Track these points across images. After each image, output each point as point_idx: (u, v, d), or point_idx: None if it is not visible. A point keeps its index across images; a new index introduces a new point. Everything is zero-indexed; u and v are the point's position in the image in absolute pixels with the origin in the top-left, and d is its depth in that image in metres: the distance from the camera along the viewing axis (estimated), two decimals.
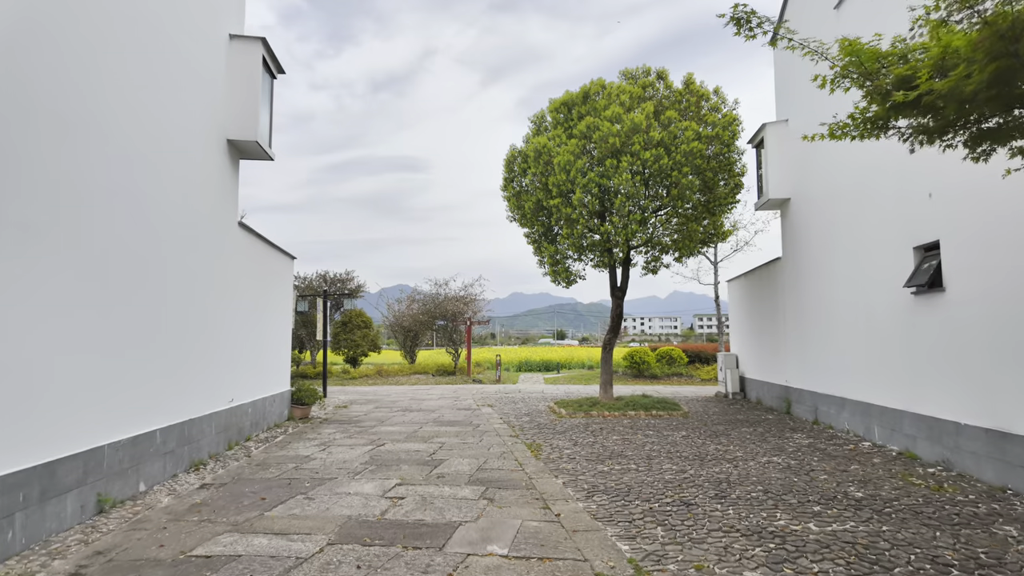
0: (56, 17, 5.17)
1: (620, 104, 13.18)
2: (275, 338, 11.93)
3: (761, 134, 13.39)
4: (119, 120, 6.16)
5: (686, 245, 13.93)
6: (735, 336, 17.76)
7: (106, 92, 5.94)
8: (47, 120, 5.04)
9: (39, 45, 4.94)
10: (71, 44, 5.38)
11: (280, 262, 12.26)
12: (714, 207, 13.89)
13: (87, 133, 5.62)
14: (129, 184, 6.35)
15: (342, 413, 14.35)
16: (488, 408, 15.40)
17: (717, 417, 12.86)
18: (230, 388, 9.36)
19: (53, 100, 5.13)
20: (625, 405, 13.82)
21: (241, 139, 9.17)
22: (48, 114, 5.06)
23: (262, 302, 11.04)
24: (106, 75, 5.94)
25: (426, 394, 19.63)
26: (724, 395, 17.29)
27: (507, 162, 15.37)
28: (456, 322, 26.98)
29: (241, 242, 9.87)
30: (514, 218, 15.86)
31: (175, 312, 7.45)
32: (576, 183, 12.91)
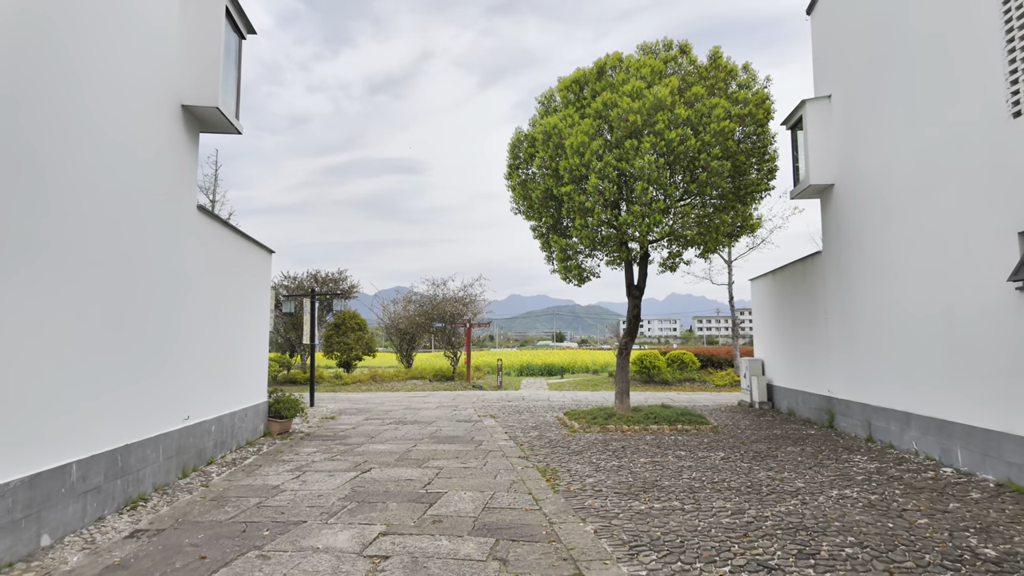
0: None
1: (640, 78, 11.69)
2: (248, 342, 10.40)
3: (799, 113, 11.90)
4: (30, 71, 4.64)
5: (712, 238, 12.42)
6: (760, 340, 16.27)
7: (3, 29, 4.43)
8: None
9: None
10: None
11: (254, 256, 10.73)
12: (744, 195, 12.41)
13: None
14: (43, 155, 4.83)
15: (328, 426, 12.81)
16: (491, 420, 13.88)
17: (751, 432, 11.35)
18: (186, 402, 7.82)
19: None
20: (645, 417, 12.31)
21: (198, 104, 7.64)
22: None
23: (231, 301, 9.52)
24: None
25: (423, 402, 18.10)
26: (749, 404, 15.79)
27: (512, 147, 13.86)
28: (455, 324, 25.45)
29: (202, 230, 8.34)
30: (519, 210, 14.35)
31: (108, 311, 5.93)
32: (591, 167, 11.41)
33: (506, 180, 14.28)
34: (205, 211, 8.38)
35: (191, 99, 7.62)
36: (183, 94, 7.60)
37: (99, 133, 5.83)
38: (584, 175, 11.67)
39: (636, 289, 13.52)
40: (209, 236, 8.59)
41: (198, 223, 8.19)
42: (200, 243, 8.26)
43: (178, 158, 7.59)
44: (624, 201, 12.08)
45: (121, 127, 6.24)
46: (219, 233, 8.98)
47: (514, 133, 13.80)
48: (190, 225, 7.92)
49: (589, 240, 12.06)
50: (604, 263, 13.34)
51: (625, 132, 11.39)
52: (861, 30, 10.34)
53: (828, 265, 11.69)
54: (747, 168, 12.13)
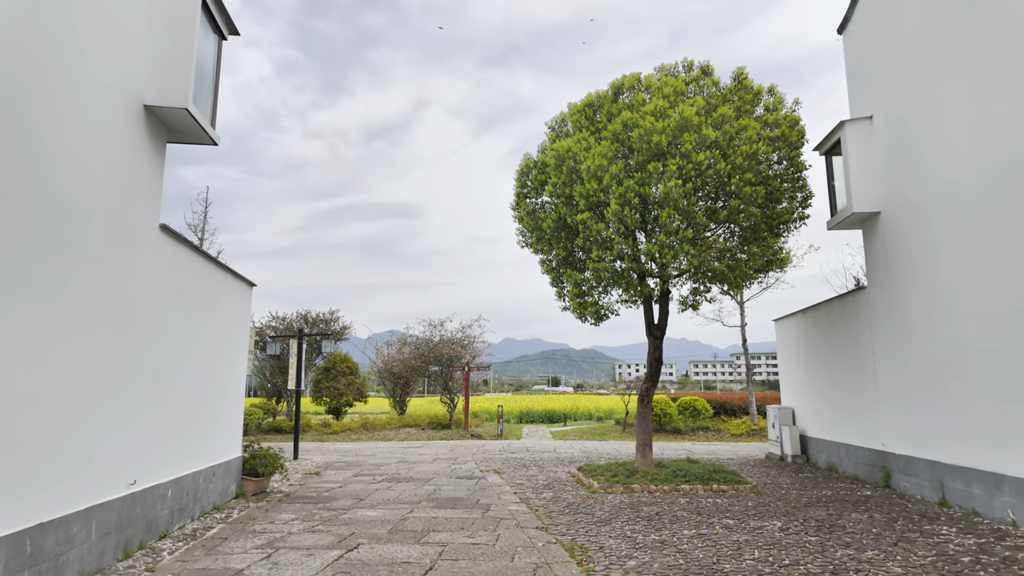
0: None
1: (663, 97, 10.72)
2: (221, 387, 8.99)
3: (836, 136, 10.92)
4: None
5: (742, 272, 11.23)
6: (788, 386, 14.93)
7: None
8: None
9: None
10: None
11: (231, 288, 9.43)
12: (776, 225, 11.31)
13: None
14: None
15: (311, 485, 11.25)
16: (495, 476, 12.35)
17: (798, 494, 9.90)
18: (134, 462, 6.38)
19: None
20: (673, 475, 10.84)
21: (164, 105, 6.48)
22: None
23: (201, 338, 8.16)
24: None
25: (418, 454, 16.50)
26: (780, 458, 14.32)
27: (520, 174, 12.81)
28: (452, 367, 23.96)
29: (166, 254, 7.07)
30: (527, 243, 13.20)
31: (28, 348, 4.59)
32: (610, 192, 10.31)
33: (513, 210, 13.18)
34: (171, 232, 7.12)
35: (155, 98, 6.47)
36: (146, 92, 6.45)
37: (53, 140, 4.62)
38: (602, 201, 10.56)
39: (656, 328, 12.25)
40: (175, 262, 7.31)
41: (161, 246, 6.92)
42: (163, 269, 6.97)
43: (137, 167, 6.38)
44: (645, 230, 10.95)
45: (60, 125, 5.04)
46: (188, 260, 7.70)
47: (522, 160, 12.78)
48: (150, 247, 6.65)
49: (607, 273, 10.84)
50: (619, 301, 12.04)
51: (648, 154, 10.34)
52: (909, 40, 9.44)
53: (876, 302, 10.48)
54: (779, 195, 11.07)
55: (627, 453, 16.64)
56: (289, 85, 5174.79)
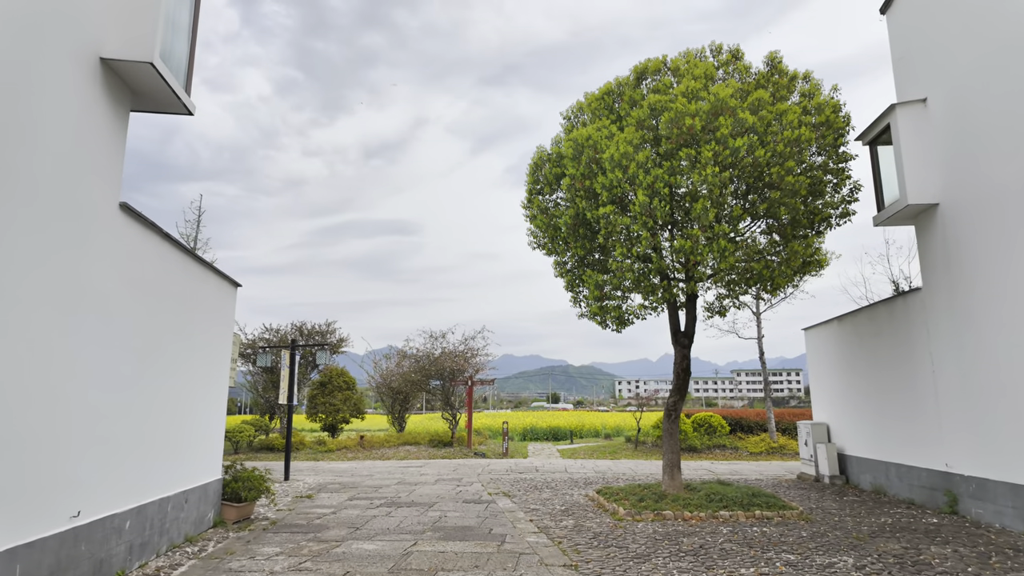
0: None
1: (694, 79, 9.72)
2: (197, 400, 7.85)
3: (885, 121, 9.90)
4: None
5: (782, 272, 10.14)
6: (821, 400, 13.78)
7: None
8: None
9: None
10: None
11: (212, 287, 8.33)
12: (818, 221, 10.26)
13: None
14: None
15: (302, 510, 10.04)
16: (506, 500, 11.14)
17: (852, 521, 8.72)
18: (79, 489, 5.22)
19: None
20: (707, 500, 9.66)
21: (125, 59, 5.43)
22: None
23: (173, 342, 7.04)
24: None
25: (419, 474, 15.26)
26: (815, 478, 13.11)
27: (532, 168, 11.78)
28: (455, 382, 22.74)
29: (128, 239, 5.98)
30: (539, 244, 12.14)
31: None
32: (637, 183, 9.26)
33: (524, 209, 12.14)
34: (135, 213, 6.04)
35: (115, 51, 5.42)
36: (104, 44, 5.40)
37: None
38: (627, 193, 9.51)
39: (684, 336, 11.13)
40: (141, 250, 6.21)
41: (121, 229, 5.83)
42: (124, 257, 5.87)
43: (91, 132, 5.32)
44: (674, 225, 9.89)
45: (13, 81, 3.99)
46: (157, 249, 6.60)
47: (535, 152, 11.76)
48: (107, 229, 5.56)
49: (632, 273, 9.74)
50: (640, 305, 10.79)
51: (679, 140, 9.32)
52: (972, 14, 8.47)
53: (934, 304, 9.39)
54: (822, 188, 10.03)
55: (645, 473, 15.44)
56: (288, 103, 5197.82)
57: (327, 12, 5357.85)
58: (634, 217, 9.37)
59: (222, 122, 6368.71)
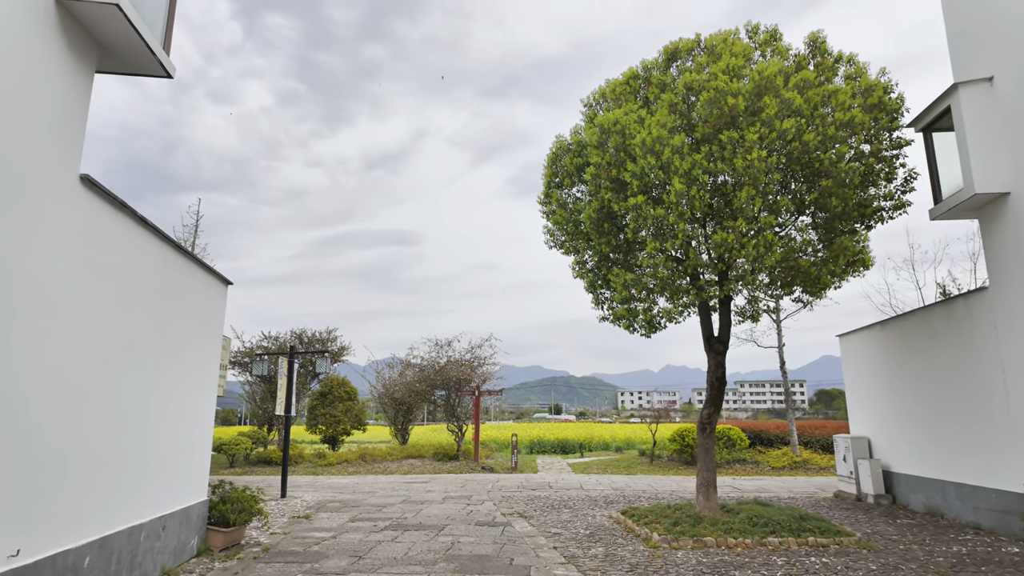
0: None
1: (733, 56, 8.82)
2: (176, 410, 6.88)
3: (945, 103, 8.97)
4: None
5: (829, 271, 9.17)
6: (860, 412, 12.76)
7: None
8: None
9: None
10: None
11: (197, 282, 7.38)
12: (870, 214, 9.32)
13: None
14: None
15: (298, 533, 9.03)
16: (523, 521, 10.12)
17: (921, 550, 7.70)
18: (16, 523, 4.25)
19: None
20: (750, 523, 8.64)
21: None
22: None
23: (147, 342, 6.09)
24: None
25: (425, 491, 14.23)
26: (856, 498, 12.05)
27: (551, 161, 10.87)
28: (461, 392, 21.71)
29: (90, 218, 5.05)
30: (556, 243, 11.22)
31: None
32: (672, 169, 8.34)
33: (541, 205, 11.22)
34: (99, 188, 5.10)
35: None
36: None
37: None
38: (662, 182, 8.58)
39: (717, 342, 10.15)
40: (107, 233, 5.28)
41: (82, 205, 4.90)
42: (85, 239, 4.94)
43: (47, 92, 4.40)
44: (712, 217, 8.95)
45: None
46: (128, 233, 5.67)
47: (553, 143, 10.84)
48: (63, 206, 4.63)
49: (666, 271, 8.78)
50: (673, 308, 9.81)
51: (718, 123, 8.40)
52: None
53: (1004, 304, 8.41)
54: (874, 177, 9.10)
55: (667, 491, 14.40)
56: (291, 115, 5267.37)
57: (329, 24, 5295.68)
58: (668, 208, 8.44)
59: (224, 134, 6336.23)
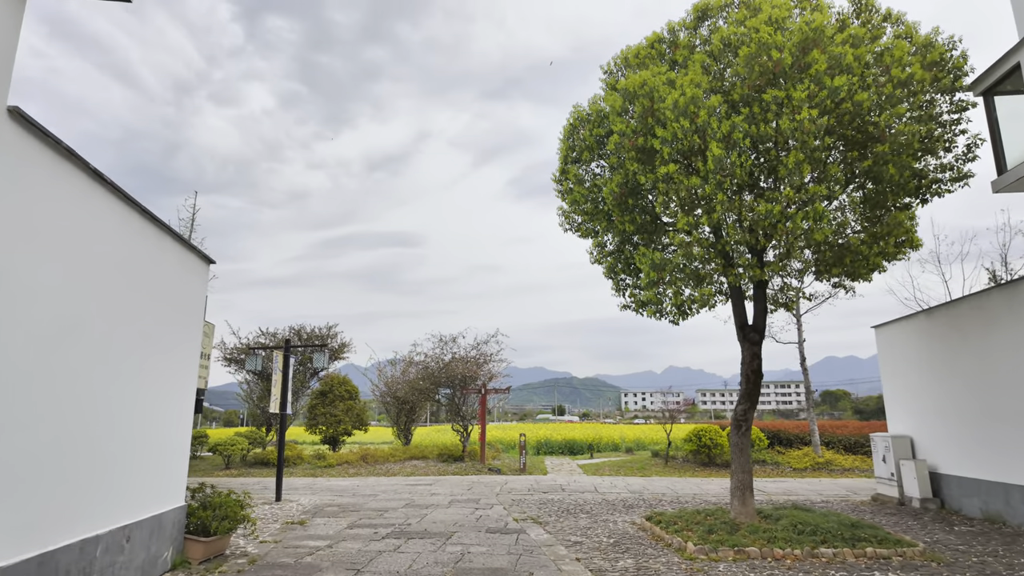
0: None
1: (775, 7, 7.88)
2: (143, 405, 5.97)
3: (1013, 60, 8.01)
4: None
5: (880, 250, 8.21)
6: (899, 409, 11.80)
7: None
8: None
9: None
10: None
11: (169, 256, 6.48)
12: (927, 185, 8.38)
13: None
14: None
15: (291, 542, 8.11)
16: (537, 528, 9.20)
17: (995, 563, 6.75)
18: None
19: None
20: (794, 531, 7.70)
21: None
22: None
23: (101, 324, 5.18)
24: None
25: (429, 494, 13.30)
26: (899, 501, 11.09)
27: (567, 133, 9.94)
28: (467, 390, 20.78)
29: (26, 166, 4.14)
30: (572, 225, 10.32)
31: None
32: (709, 133, 7.41)
33: (556, 183, 10.29)
34: (37, 129, 4.19)
35: None
36: None
37: None
38: (697, 148, 7.65)
39: (752, 331, 9.21)
40: (47, 184, 4.37)
41: (11, 144, 3.99)
42: (18, 189, 4.03)
43: None
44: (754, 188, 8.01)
45: None
46: (82, 191, 4.76)
47: (570, 113, 9.91)
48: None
49: (701, 249, 7.83)
50: (706, 291, 8.84)
51: (760, 82, 7.47)
52: None
53: None
54: (935, 143, 8.15)
55: (689, 493, 13.46)
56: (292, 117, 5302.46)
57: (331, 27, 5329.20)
58: (705, 177, 7.51)
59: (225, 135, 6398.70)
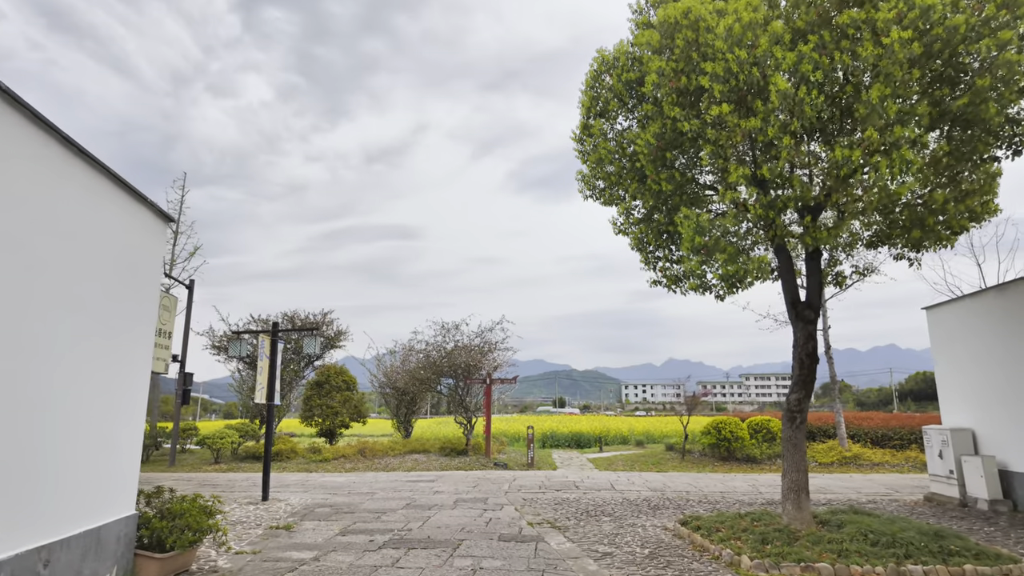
0: None
1: None
2: (73, 391, 4.71)
3: None
4: None
5: (967, 209, 6.94)
6: (957, 399, 10.57)
7: None
8: None
9: None
10: None
11: (112, 206, 5.20)
12: (1019, 136, 7.10)
13: None
14: None
15: (271, 554, 6.89)
16: (558, 535, 7.99)
17: None
18: None
19: None
20: (866, 541, 6.49)
21: None
22: None
23: (25, 293, 3.92)
24: None
25: (432, 492, 12.10)
26: (961, 502, 9.88)
27: (589, 82, 8.62)
28: (470, 380, 19.55)
29: None
30: (594, 191, 9.09)
31: None
32: (771, 64, 6.13)
33: (576, 143, 9.02)
34: None
35: None
36: None
37: None
38: (755, 84, 6.36)
39: (807, 308, 7.96)
40: None
41: None
42: None
43: None
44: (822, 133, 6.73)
45: None
46: None
47: (594, 58, 8.57)
48: None
49: (760, 207, 6.55)
50: (752, 262, 7.51)
51: (830, 1, 6.17)
52: None
53: None
54: None
55: (716, 492, 12.28)
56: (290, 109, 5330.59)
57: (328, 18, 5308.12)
58: (766, 119, 6.23)
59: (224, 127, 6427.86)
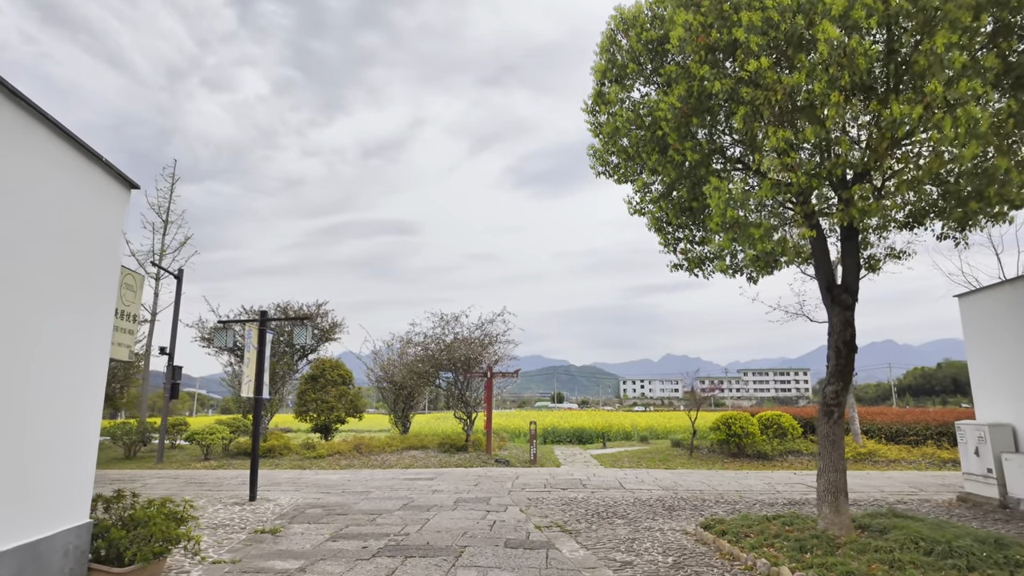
0: None
1: None
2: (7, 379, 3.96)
3: None
4: None
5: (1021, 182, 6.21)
6: (993, 393, 9.87)
7: None
8: None
9: None
10: None
11: (63, 173, 4.44)
12: None
13: None
14: None
15: (251, 563, 6.16)
16: (569, 540, 7.27)
17: None
18: None
19: None
20: (918, 550, 5.79)
21: None
22: None
23: None
24: None
25: (431, 491, 11.37)
26: (1000, 504, 9.18)
27: (605, 43, 7.86)
28: (470, 373, 18.81)
29: None
30: (609, 167, 8.35)
31: None
32: (821, 9, 5.38)
33: (588, 116, 8.27)
34: None
35: None
36: None
37: None
38: (798, 35, 5.61)
39: (844, 291, 7.23)
40: None
41: None
42: None
43: None
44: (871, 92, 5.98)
45: None
46: None
47: (610, 18, 7.80)
48: None
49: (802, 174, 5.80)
50: (777, 246, 6.76)
51: None
52: None
53: None
54: None
55: (732, 491, 11.59)
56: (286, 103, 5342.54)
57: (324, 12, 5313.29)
58: (811, 74, 5.47)
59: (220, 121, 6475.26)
